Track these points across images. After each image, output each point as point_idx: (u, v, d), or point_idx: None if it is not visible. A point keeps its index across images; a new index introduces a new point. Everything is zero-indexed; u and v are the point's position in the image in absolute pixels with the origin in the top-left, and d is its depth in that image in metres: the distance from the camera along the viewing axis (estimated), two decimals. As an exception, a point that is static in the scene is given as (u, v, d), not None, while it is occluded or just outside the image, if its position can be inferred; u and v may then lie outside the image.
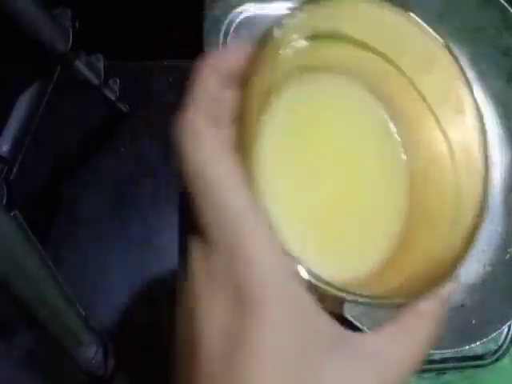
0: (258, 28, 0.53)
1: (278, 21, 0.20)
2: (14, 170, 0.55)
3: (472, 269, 0.46)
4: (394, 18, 0.21)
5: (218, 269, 0.18)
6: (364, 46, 0.23)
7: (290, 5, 0.51)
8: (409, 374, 0.19)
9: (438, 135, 0.23)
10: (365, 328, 0.34)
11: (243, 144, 0.18)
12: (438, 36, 0.22)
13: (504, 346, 0.48)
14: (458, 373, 0.47)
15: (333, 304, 0.20)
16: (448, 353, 0.46)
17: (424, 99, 0.23)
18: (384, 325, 0.19)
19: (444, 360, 0.47)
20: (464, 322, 0.42)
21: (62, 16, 0.58)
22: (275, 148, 0.22)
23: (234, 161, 0.17)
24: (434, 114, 0.23)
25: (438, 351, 0.43)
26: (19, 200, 0.51)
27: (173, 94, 0.87)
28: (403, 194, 0.24)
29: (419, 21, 0.21)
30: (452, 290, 0.20)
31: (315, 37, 0.21)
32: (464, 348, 0.40)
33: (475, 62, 0.46)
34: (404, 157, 0.25)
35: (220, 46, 0.52)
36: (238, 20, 0.53)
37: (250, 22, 0.53)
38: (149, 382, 0.76)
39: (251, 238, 0.17)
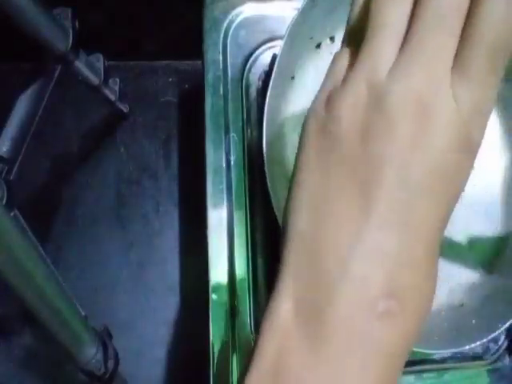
0: (258, 28, 0.53)
1: None
2: (14, 169, 0.55)
3: (472, 268, 0.46)
4: None
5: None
6: None
7: (290, 5, 0.52)
8: None
9: None
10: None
11: None
12: None
13: (504, 346, 0.48)
14: (458, 373, 0.47)
15: None
16: (448, 353, 0.46)
17: None
18: None
19: (444, 360, 0.47)
20: (464, 322, 0.42)
21: (62, 16, 0.58)
22: None
23: None
24: None
25: (437, 351, 0.43)
26: (19, 200, 0.50)
27: (173, 94, 0.87)
28: None
29: None
30: None
31: None
32: (464, 348, 0.40)
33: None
34: None
35: (220, 45, 0.52)
36: (238, 20, 0.53)
37: (249, 21, 0.53)
38: (149, 382, 0.76)
39: None
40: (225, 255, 0.46)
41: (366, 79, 0.20)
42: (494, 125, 0.49)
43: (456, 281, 0.45)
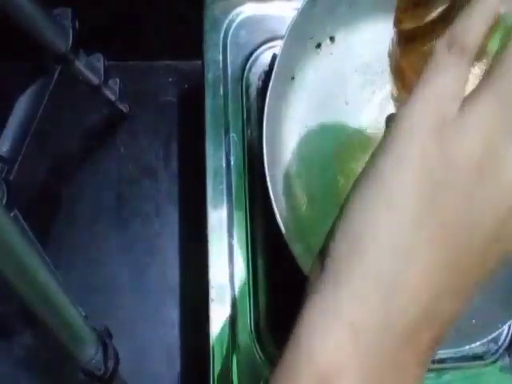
0: (258, 28, 0.53)
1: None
2: (14, 169, 0.55)
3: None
4: None
5: None
6: None
7: (290, 5, 0.52)
8: None
9: None
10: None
11: None
12: None
13: (504, 346, 0.48)
14: (458, 373, 0.47)
15: None
16: (448, 353, 0.46)
17: None
18: None
19: (444, 360, 0.47)
20: (464, 322, 0.42)
21: (62, 16, 0.58)
22: None
23: None
24: None
25: (437, 351, 0.43)
26: (19, 200, 0.50)
27: (173, 94, 0.87)
28: None
29: None
30: None
31: None
32: (464, 348, 0.40)
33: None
34: None
35: (220, 45, 0.52)
36: (238, 20, 0.53)
37: (249, 21, 0.53)
38: (149, 382, 0.76)
39: None
40: (225, 255, 0.46)
41: (484, 139, 0.19)
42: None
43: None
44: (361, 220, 0.20)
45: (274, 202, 0.39)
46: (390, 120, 0.22)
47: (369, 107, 0.48)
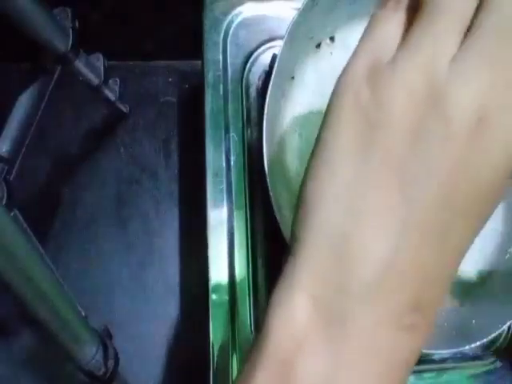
0: (258, 28, 0.53)
1: None
2: (14, 169, 0.55)
3: (472, 269, 0.46)
4: None
5: None
6: None
7: (290, 5, 0.52)
8: None
9: None
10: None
11: None
12: None
13: (504, 346, 0.48)
14: (458, 373, 0.47)
15: None
16: (448, 353, 0.46)
17: None
18: None
19: (444, 360, 0.47)
20: (464, 322, 0.42)
21: (62, 16, 0.58)
22: None
23: None
24: None
25: (437, 351, 0.43)
26: (19, 200, 0.50)
27: (173, 94, 0.87)
28: None
29: None
30: None
31: None
32: (464, 348, 0.40)
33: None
34: None
35: (220, 45, 0.52)
36: (237, 20, 0.53)
37: (249, 21, 0.53)
38: (149, 382, 0.76)
39: None
40: (225, 255, 0.46)
41: (423, 71, 0.17)
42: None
43: (456, 281, 0.45)
44: (308, 189, 0.19)
45: (274, 202, 0.39)
46: None
47: (369, 107, 0.48)
